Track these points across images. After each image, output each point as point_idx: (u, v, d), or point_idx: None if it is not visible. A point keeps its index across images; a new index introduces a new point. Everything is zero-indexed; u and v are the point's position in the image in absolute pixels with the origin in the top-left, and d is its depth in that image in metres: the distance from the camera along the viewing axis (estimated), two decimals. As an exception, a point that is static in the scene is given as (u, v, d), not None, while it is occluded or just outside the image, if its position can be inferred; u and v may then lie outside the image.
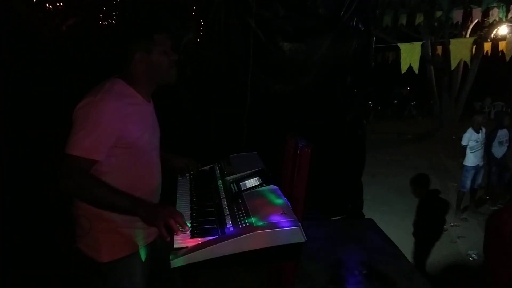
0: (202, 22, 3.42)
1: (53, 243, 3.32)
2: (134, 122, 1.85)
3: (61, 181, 1.69)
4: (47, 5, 3.01)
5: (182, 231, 1.69)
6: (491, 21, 10.66)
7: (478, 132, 6.07)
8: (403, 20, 11.10)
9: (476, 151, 6.05)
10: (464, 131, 6.20)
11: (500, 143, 6.41)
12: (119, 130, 1.77)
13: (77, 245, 1.94)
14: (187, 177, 2.38)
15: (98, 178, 1.78)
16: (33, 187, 3.55)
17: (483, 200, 6.53)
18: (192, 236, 1.70)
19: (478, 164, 6.10)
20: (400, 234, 4.90)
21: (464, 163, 6.17)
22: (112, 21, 3.03)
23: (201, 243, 1.64)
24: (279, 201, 1.87)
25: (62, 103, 2.04)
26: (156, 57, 1.90)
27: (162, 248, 2.05)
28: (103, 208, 1.80)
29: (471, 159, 6.08)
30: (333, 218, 4.05)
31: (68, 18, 3.03)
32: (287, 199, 1.90)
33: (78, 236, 1.93)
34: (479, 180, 6.24)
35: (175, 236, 1.68)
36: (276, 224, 1.64)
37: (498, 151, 6.42)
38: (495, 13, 9.74)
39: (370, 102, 14.33)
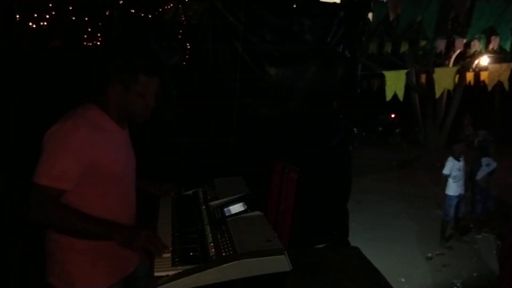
0: (189, 44, 3.41)
1: (22, 277, 3.17)
2: (106, 150, 1.78)
3: (30, 211, 1.63)
4: (30, 24, 2.96)
5: (160, 254, 1.65)
6: (472, 51, 10.94)
7: (459, 161, 6.10)
8: (388, 48, 11.30)
9: (459, 180, 6.06)
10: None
11: (483, 171, 6.45)
12: (89, 158, 1.70)
13: (48, 280, 1.83)
14: (170, 198, 2.32)
15: (69, 206, 1.71)
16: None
17: (467, 228, 6.53)
18: (173, 264, 1.64)
19: (460, 193, 6.10)
20: (385, 261, 4.86)
21: (446, 193, 6.14)
22: (97, 43, 2.98)
23: (183, 271, 1.58)
24: (265, 228, 1.83)
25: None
26: (132, 96, 1.81)
27: (142, 279, 1.97)
28: (77, 235, 1.72)
29: (454, 188, 6.06)
30: (318, 246, 4.00)
31: (52, 39, 2.97)
32: (273, 225, 1.85)
33: (50, 269, 1.83)
34: (462, 208, 6.22)
35: (155, 265, 1.62)
36: (261, 252, 1.60)
37: (482, 179, 6.45)
38: (476, 45, 10.00)
39: (355, 129, 14.44)
